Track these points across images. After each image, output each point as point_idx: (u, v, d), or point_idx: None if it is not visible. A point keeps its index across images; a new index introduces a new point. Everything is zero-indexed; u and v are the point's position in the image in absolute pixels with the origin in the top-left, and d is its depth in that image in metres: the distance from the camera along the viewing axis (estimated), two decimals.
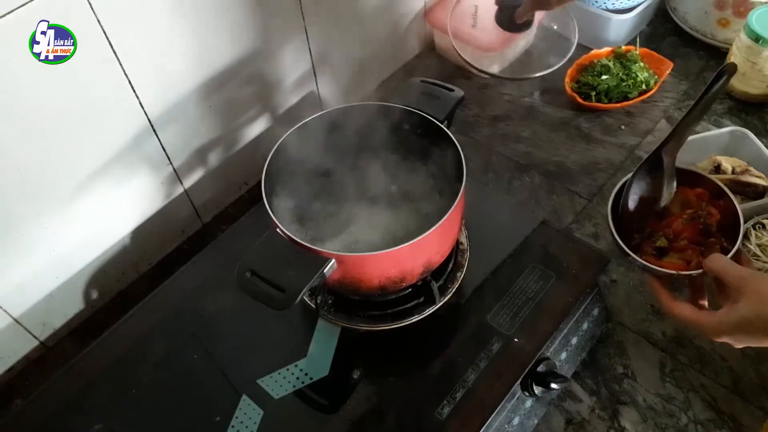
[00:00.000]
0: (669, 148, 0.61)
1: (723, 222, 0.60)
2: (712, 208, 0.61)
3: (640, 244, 0.61)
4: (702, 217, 0.60)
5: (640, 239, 0.61)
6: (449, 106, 0.69)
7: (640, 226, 0.62)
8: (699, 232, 0.59)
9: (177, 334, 0.69)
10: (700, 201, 0.62)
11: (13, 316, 0.70)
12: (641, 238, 0.61)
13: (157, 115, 0.71)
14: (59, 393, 0.65)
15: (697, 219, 0.60)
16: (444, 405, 0.60)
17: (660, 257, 0.59)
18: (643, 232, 0.62)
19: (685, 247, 0.59)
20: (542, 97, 1.01)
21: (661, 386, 0.69)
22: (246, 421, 0.61)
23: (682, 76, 1.02)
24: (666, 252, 0.60)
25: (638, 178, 0.62)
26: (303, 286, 0.53)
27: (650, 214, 0.62)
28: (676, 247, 0.59)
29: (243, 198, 0.90)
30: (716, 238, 0.59)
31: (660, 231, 0.61)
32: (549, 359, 0.65)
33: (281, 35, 0.81)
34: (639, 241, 0.61)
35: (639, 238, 0.61)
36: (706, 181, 0.62)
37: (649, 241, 0.61)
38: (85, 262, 0.75)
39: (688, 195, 0.63)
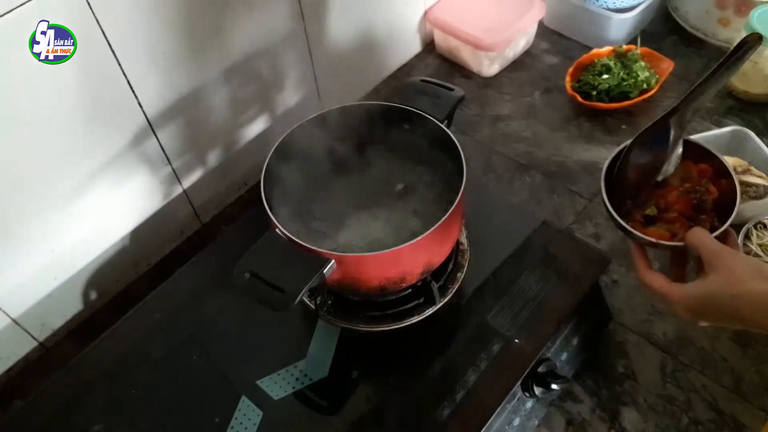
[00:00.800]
0: (677, 118, 0.58)
1: (719, 201, 0.57)
2: (711, 186, 0.58)
3: (630, 211, 0.58)
4: (699, 193, 0.57)
5: (632, 206, 0.59)
6: (449, 105, 0.69)
7: (635, 194, 0.59)
8: (692, 207, 0.57)
9: (176, 334, 0.68)
10: (701, 177, 0.59)
11: (12, 316, 0.70)
12: (633, 205, 0.59)
13: (156, 114, 0.71)
14: (58, 394, 0.65)
15: (693, 194, 0.58)
16: (444, 406, 0.60)
17: (646, 225, 0.57)
18: (636, 199, 0.59)
19: (674, 220, 0.57)
20: (543, 96, 1.01)
21: (662, 387, 0.69)
22: (245, 422, 0.61)
23: (683, 75, 1.02)
24: (654, 221, 0.58)
25: (639, 145, 0.60)
26: (302, 287, 0.53)
27: (647, 184, 0.60)
28: (666, 218, 0.57)
29: (242, 198, 0.90)
30: (708, 215, 0.56)
31: (653, 201, 0.59)
32: (549, 360, 0.65)
33: (281, 35, 0.81)
34: (630, 207, 0.59)
35: (631, 204, 0.59)
36: (712, 158, 0.59)
37: (640, 209, 0.59)
38: (84, 263, 0.75)
39: (691, 169, 0.60)
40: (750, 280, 0.46)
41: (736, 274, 0.47)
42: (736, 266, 0.48)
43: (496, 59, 1.03)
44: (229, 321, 0.69)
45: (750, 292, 0.46)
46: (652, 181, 0.60)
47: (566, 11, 1.08)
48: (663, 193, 0.59)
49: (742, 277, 0.47)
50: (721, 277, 0.48)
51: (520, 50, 1.08)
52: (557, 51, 1.09)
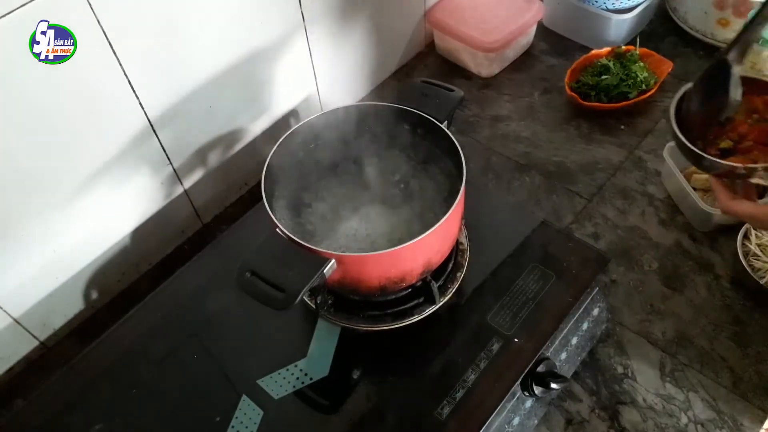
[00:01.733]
0: (735, 53, 0.58)
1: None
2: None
3: (704, 149, 0.58)
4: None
5: (704, 146, 0.59)
6: (449, 106, 0.69)
7: (704, 134, 0.59)
8: (766, 134, 0.57)
9: (177, 334, 0.69)
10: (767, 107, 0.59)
11: (14, 316, 0.70)
12: (704, 144, 0.59)
13: (157, 115, 0.71)
14: (59, 393, 0.65)
15: (764, 122, 0.57)
16: (444, 405, 0.60)
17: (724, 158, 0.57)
18: (705, 139, 0.59)
19: (750, 149, 0.57)
20: (542, 97, 1.02)
21: (661, 386, 0.69)
22: (246, 421, 0.61)
23: (682, 75, 1.02)
24: (731, 153, 0.58)
25: (701, 85, 0.60)
26: (303, 286, 0.53)
27: (714, 122, 0.60)
28: (741, 149, 0.57)
29: (243, 198, 0.90)
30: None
31: (725, 135, 0.59)
32: (549, 359, 0.65)
33: (281, 36, 0.81)
34: (702, 146, 0.58)
35: (702, 144, 0.59)
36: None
37: (712, 146, 0.58)
38: (85, 263, 0.75)
39: (755, 101, 0.60)
40: None
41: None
42: None
43: (495, 60, 1.03)
44: (230, 320, 0.69)
45: None
46: (719, 119, 0.60)
47: (565, 12, 1.08)
48: (733, 127, 0.59)
49: None
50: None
51: (519, 51, 1.08)
52: (556, 52, 1.09)
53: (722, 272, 0.78)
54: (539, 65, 1.07)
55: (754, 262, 0.75)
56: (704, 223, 0.81)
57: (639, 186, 0.88)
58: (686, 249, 0.81)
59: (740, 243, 0.76)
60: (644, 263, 0.80)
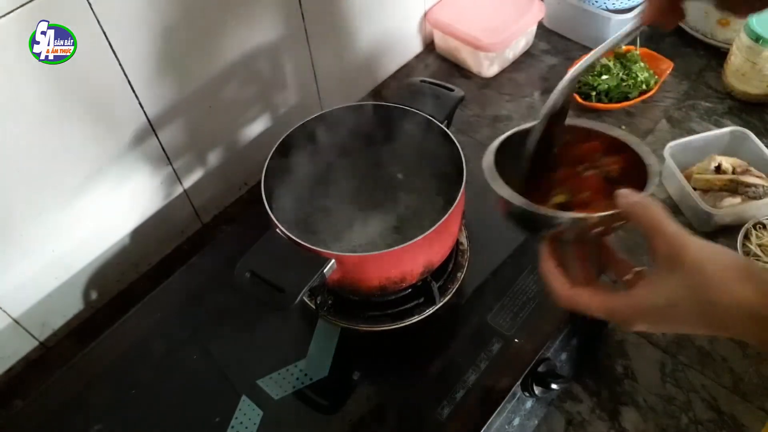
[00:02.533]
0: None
1: (628, 171, 0.49)
2: (608, 158, 0.50)
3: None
4: (601, 167, 0.50)
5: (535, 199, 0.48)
6: (449, 106, 0.69)
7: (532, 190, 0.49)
8: (604, 182, 0.49)
9: (177, 334, 0.68)
10: (593, 153, 0.51)
11: (13, 316, 0.70)
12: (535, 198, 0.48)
13: (157, 115, 0.71)
14: (59, 393, 0.65)
15: (596, 169, 0.50)
16: (444, 405, 0.60)
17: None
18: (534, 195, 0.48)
19: (590, 200, 0.48)
20: (542, 97, 1.01)
21: (661, 387, 0.69)
22: (246, 421, 0.61)
23: (683, 76, 1.02)
24: (568, 209, 0.47)
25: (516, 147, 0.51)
26: (303, 287, 0.53)
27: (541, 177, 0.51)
28: (579, 202, 0.48)
29: (242, 198, 0.90)
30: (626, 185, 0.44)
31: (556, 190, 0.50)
32: (549, 359, 0.65)
33: (281, 35, 0.81)
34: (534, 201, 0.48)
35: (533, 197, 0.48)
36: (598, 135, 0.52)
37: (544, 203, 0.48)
38: (85, 263, 0.75)
39: (581, 149, 0.52)
40: (734, 283, 0.35)
41: (712, 277, 0.36)
42: (708, 265, 0.36)
43: (495, 60, 1.03)
44: (230, 320, 0.69)
45: (737, 300, 0.35)
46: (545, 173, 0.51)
47: (566, 12, 1.08)
48: (563, 180, 0.51)
49: (721, 279, 0.35)
50: (690, 280, 0.36)
51: (519, 51, 1.08)
52: (557, 52, 1.09)
53: None
54: (539, 65, 1.07)
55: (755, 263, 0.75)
56: (705, 224, 0.81)
57: None
58: None
59: (741, 243, 0.76)
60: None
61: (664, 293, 0.37)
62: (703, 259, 0.36)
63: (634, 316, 0.39)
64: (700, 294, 0.36)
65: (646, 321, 0.39)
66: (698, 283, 0.36)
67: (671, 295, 0.37)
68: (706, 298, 0.36)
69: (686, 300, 0.37)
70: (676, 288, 0.37)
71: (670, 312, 0.38)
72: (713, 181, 0.82)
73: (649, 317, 0.39)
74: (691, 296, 0.36)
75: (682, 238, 0.37)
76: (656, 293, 0.38)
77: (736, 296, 0.35)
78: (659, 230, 0.38)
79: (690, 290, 0.36)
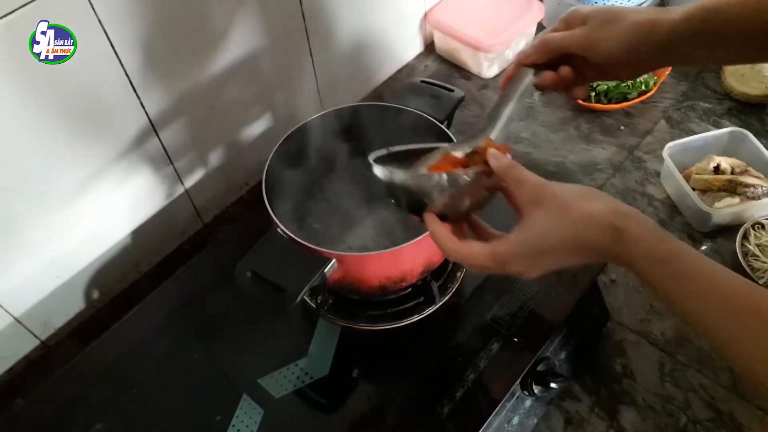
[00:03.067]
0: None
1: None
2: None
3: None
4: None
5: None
6: (449, 106, 0.69)
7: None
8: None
9: (178, 333, 0.69)
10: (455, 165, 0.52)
11: (14, 315, 0.70)
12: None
13: (158, 115, 0.71)
14: (60, 392, 0.65)
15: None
16: (444, 404, 0.60)
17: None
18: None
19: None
20: (542, 97, 1.02)
21: (660, 386, 0.70)
22: (246, 420, 0.61)
23: (681, 76, 1.02)
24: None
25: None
26: (303, 286, 0.53)
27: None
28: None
29: (243, 198, 0.90)
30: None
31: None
32: (548, 359, 0.65)
33: (282, 36, 0.81)
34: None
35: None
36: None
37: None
38: (86, 262, 0.75)
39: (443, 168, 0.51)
40: (586, 202, 0.42)
41: (569, 201, 0.42)
42: (564, 192, 0.42)
43: (495, 60, 1.03)
44: (231, 320, 0.69)
45: (589, 213, 0.41)
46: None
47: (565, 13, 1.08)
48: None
49: (575, 201, 0.42)
50: (553, 207, 0.42)
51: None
52: None
53: None
54: None
55: (753, 263, 0.75)
56: (703, 224, 0.81)
57: (638, 186, 0.89)
58: None
59: (739, 243, 0.76)
60: None
61: (536, 225, 0.43)
62: (562, 190, 0.43)
63: (513, 254, 0.43)
64: (562, 218, 0.42)
65: (525, 257, 0.43)
66: (560, 207, 0.42)
67: (542, 225, 0.42)
68: (569, 218, 0.41)
69: (554, 226, 0.42)
70: (544, 217, 0.42)
71: (543, 240, 0.42)
72: (712, 181, 0.82)
73: (527, 252, 0.43)
74: (557, 221, 0.42)
75: (542, 182, 0.44)
76: (529, 228, 0.43)
77: (594, 210, 0.41)
78: (523, 181, 0.44)
79: (555, 216, 0.42)
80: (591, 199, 0.42)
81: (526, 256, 0.43)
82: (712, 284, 0.38)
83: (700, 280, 0.39)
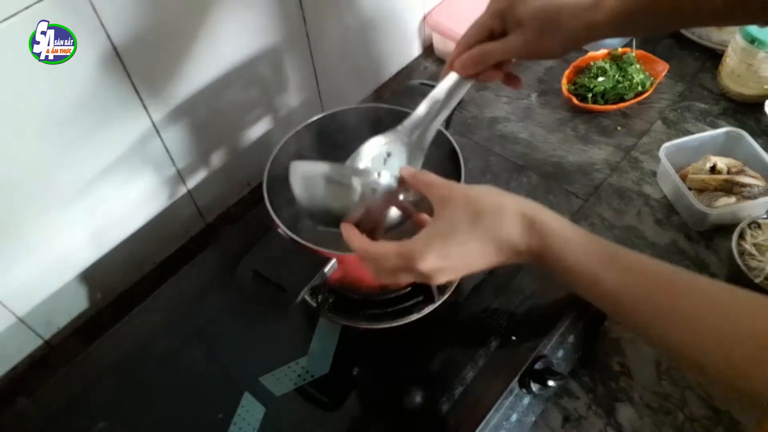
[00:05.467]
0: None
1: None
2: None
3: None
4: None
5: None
6: None
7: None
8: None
9: (180, 332, 0.69)
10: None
11: (18, 315, 0.71)
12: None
13: (161, 116, 0.72)
14: (63, 391, 0.66)
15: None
16: (443, 402, 0.61)
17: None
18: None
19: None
20: (539, 98, 1.02)
21: (657, 384, 0.70)
22: (248, 417, 0.62)
23: (678, 77, 1.03)
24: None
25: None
26: (304, 286, 0.54)
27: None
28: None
29: (245, 198, 0.91)
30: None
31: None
32: (546, 357, 0.65)
33: (283, 38, 0.82)
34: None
35: None
36: None
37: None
38: (89, 262, 0.75)
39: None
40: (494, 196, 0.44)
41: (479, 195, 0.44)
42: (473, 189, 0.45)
43: None
44: (233, 319, 0.70)
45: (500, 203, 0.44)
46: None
47: None
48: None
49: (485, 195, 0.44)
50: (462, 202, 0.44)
51: None
52: None
53: (718, 272, 0.79)
54: (537, 67, 1.08)
55: (750, 262, 0.75)
56: (700, 223, 0.82)
57: (635, 186, 0.89)
58: (682, 248, 0.82)
59: (736, 242, 0.76)
60: None
61: (445, 217, 0.44)
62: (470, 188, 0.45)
63: (422, 247, 0.43)
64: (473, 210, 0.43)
65: (436, 252, 0.43)
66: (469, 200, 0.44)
67: (451, 217, 0.44)
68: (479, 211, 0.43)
69: (463, 218, 0.43)
70: (454, 211, 0.44)
71: (452, 232, 0.43)
72: (708, 181, 0.83)
73: (437, 244, 0.43)
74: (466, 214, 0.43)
75: (449, 183, 0.46)
76: (438, 221, 0.44)
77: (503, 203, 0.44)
78: (431, 184, 0.46)
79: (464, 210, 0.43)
80: (499, 194, 0.45)
81: (438, 251, 0.43)
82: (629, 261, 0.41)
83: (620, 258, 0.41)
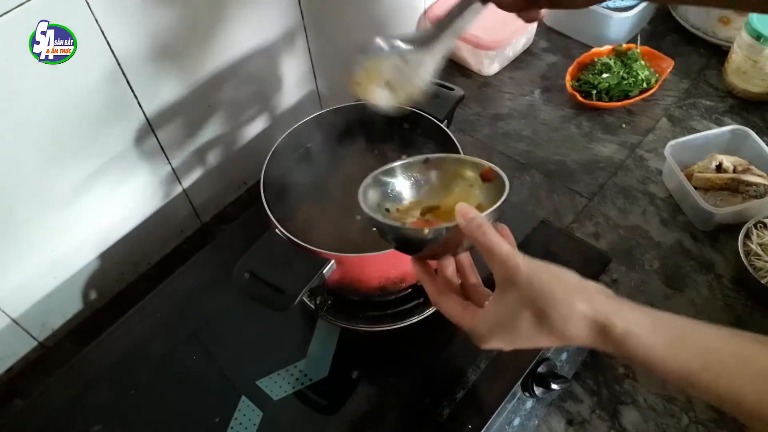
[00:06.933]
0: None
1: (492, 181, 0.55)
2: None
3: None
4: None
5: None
6: (449, 105, 0.69)
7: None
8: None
9: (176, 334, 0.68)
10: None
11: (12, 316, 0.70)
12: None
13: (156, 114, 0.71)
14: (58, 393, 0.65)
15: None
16: (444, 406, 0.60)
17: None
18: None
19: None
20: (543, 95, 1.01)
21: (662, 386, 0.69)
22: (245, 422, 0.61)
23: (683, 74, 1.02)
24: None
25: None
26: (302, 287, 0.53)
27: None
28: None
29: (242, 198, 0.90)
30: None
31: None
32: (549, 360, 0.65)
33: (281, 34, 0.81)
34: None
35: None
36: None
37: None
38: (84, 262, 0.74)
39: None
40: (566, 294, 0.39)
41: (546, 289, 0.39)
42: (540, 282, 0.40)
43: (495, 58, 1.03)
44: (229, 321, 0.69)
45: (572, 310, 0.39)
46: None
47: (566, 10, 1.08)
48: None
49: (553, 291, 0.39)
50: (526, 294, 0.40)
51: (520, 49, 1.08)
52: (557, 50, 1.08)
53: (723, 272, 0.78)
54: (540, 63, 1.07)
55: (756, 262, 0.74)
56: (705, 223, 0.81)
57: (640, 185, 0.88)
58: (687, 248, 0.81)
59: (741, 242, 0.75)
60: (645, 263, 0.80)
61: (505, 310, 0.41)
62: (529, 274, 0.40)
63: (488, 336, 0.42)
64: (535, 307, 0.40)
65: (497, 336, 0.42)
66: (532, 297, 0.40)
67: (511, 311, 0.41)
68: (540, 308, 0.39)
69: (524, 315, 0.40)
70: (515, 304, 0.40)
71: (513, 325, 0.41)
72: (714, 179, 0.82)
73: (498, 333, 0.42)
74: (528, 311, 0.40)
75: (514, 259, 0.41)
76: (499, 311, 0.42)
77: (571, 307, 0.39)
78: (493, 252, 0.41)
79: (526, 305, 0.40)
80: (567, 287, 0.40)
81: (501, 339, 0.42)
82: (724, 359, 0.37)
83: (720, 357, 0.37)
